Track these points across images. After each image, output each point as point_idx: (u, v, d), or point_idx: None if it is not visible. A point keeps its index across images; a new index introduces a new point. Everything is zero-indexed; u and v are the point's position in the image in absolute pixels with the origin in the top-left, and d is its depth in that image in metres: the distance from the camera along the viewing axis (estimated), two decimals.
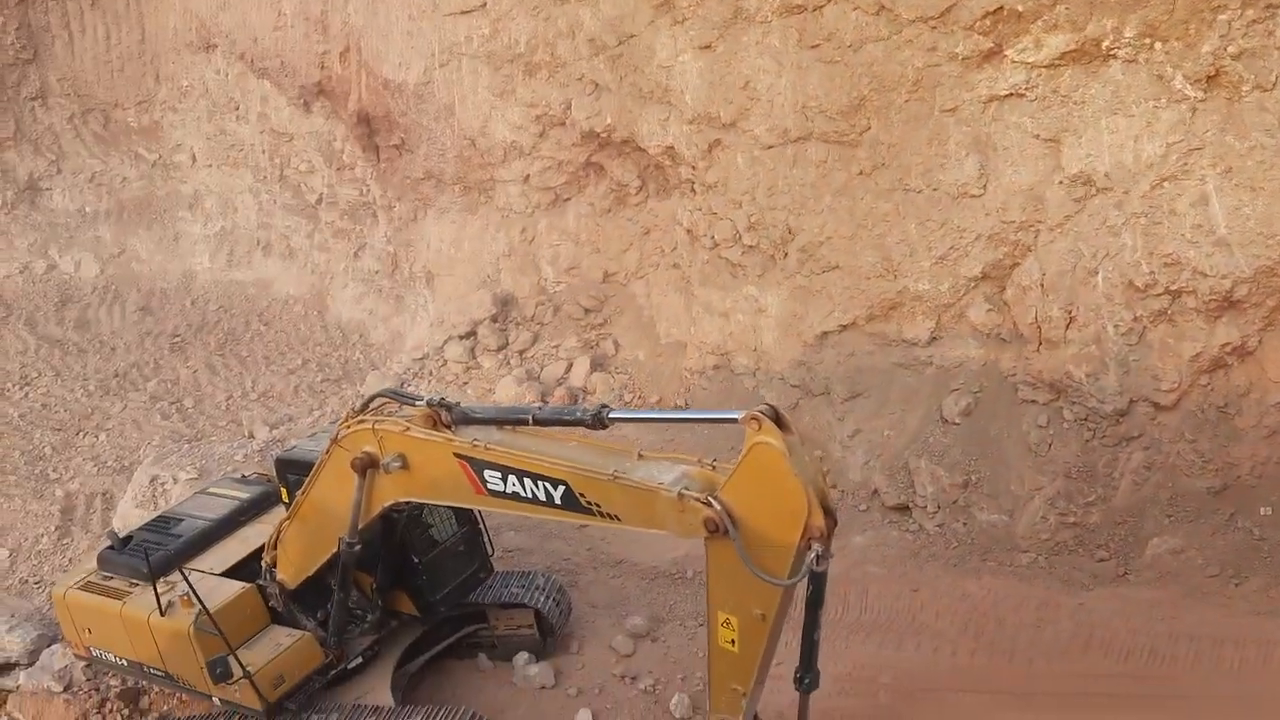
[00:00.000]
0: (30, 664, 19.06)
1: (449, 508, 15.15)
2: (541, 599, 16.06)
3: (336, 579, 14.17)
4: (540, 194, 26.19)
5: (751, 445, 9.77)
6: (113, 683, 17.36)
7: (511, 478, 11.33)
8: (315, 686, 14.72)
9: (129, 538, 15.51)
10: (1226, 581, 15.85)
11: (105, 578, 14.87)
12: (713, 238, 21.92)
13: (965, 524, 17.83)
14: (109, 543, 15.39)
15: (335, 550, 13.64)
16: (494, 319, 26.31)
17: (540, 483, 11.16)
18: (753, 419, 9.65)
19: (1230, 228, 15.93)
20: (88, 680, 17.67)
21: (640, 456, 11.18)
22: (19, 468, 25.59)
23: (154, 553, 14.62)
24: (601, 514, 11.02)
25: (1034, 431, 17.98)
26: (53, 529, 23.55)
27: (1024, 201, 17.87)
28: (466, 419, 12.01)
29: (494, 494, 11.56)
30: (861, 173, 19.38)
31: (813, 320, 20.62)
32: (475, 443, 11.62)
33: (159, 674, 14.69)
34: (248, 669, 13.93)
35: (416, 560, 14.85)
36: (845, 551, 18.06)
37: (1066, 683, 14.60)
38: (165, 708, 16.37)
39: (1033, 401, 18.19)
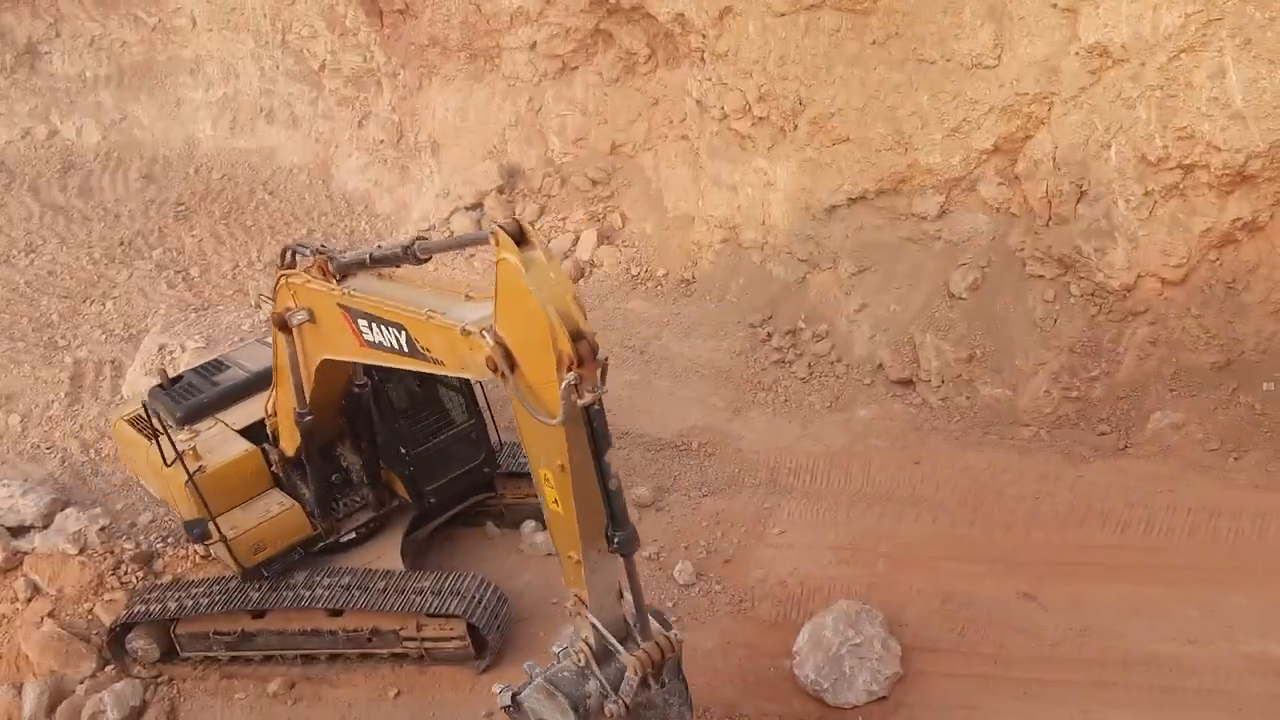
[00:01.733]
0: (45, 527, 19.45)
1: (454, 395, 15.19)
2: None
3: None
4: (547, 62, 25.74)
5: (496, 265, 8.69)
6: (126, 545, 17.74)
7: (376, 325, 10.85)
8: (296, 557, 15.07)
9: (179, 377, 15.89)
10: (1226, 456, 16.00)
11: (148, 415, 15.03)
12: (722, 109, 21.59)
13: (968, 398, 17.94)
14: (159, 380, 15.83)
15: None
16: (500, 190, 26.10)
17: (389, 329, 10.65)
18: (492, 235, 8.56)
19: (1247, 101, 15.64)
20: (102, 543, 18.06)
21: (467, 297, 10.20)
22: (27, 334, 25.70)
23: (193, 397, 14.82)
24: (432, 359, 10.28)
25: (1040, 307, 17.97)
26: (63, 395, 23.74)
27: (1038, 73, 17.54)
28: (341, 266, 11.68)
29: (369, 344, 11.13)
30: (874, 42, 19.00)
31: (821, 193, 20.44)
32: (346, 290, 11.29)
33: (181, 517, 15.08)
34: (225, 534, 14.37)
35: (404, 451, 14.91)
36: (849, 425, 18.25)
37: (1062, 553, 14.87)
38: (179, 570, 16.73)
39: (1040, 276, 18.14)
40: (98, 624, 16.04)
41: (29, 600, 16.76)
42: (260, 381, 15.16)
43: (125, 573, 17.01)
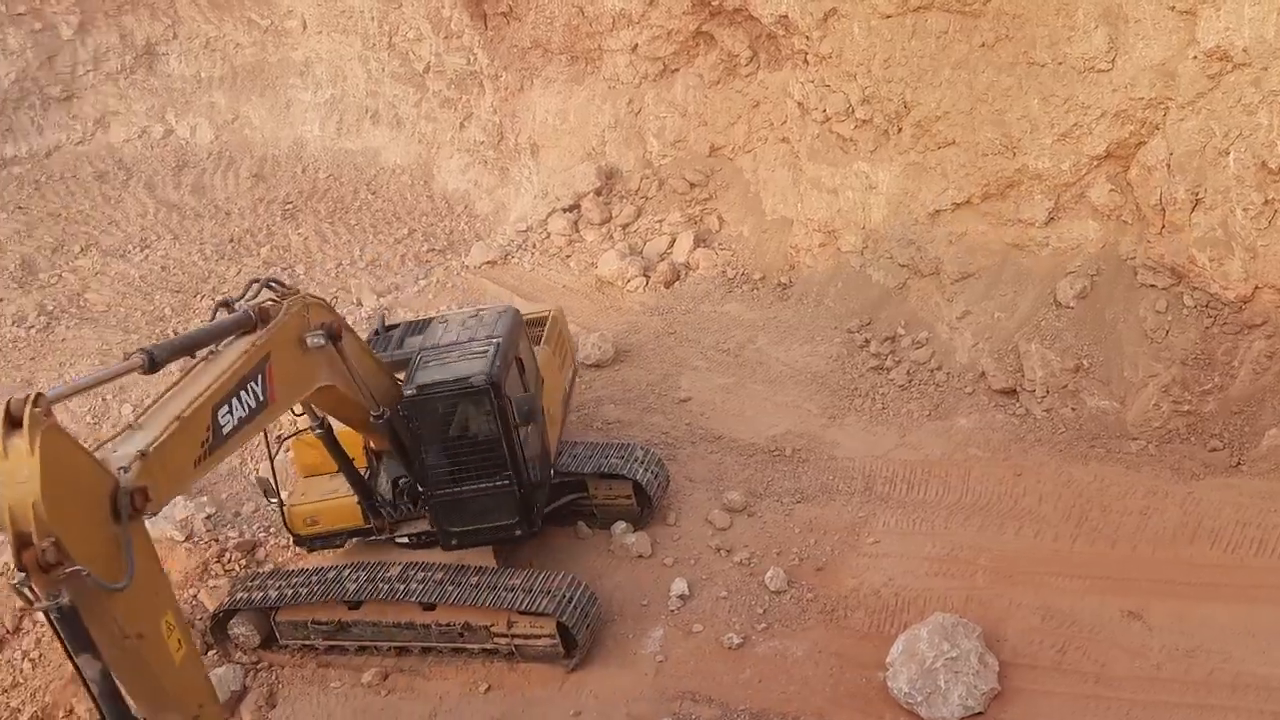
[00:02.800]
0: (153, 514, 19.92)
1: (484, 449, 14.55)
2: (640, 470, 16.24)
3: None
4: (648, 64, 25.74)
5: None
6: (231, 534, 18.15)
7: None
8: (346, 542, 15.75)
9: (392, 326, 16.67)
10: None
11: None
12: (824, 111, 21.37)
13: (1074, 409, 17.48)
14: (377, 326, 16.75)
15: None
16: (598, 192, 26.15)
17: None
18: None
19: None
20: (207, 531, 18.49)
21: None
22: (140, 327, 26.42)
23: (383, 350, 15.47)
24: None
25: (1151, 317, 17.44)
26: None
27: (1154, 77, 17.05)
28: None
29: None
30: (984, 45, 18.64)
31: (925, 198, 20.11)
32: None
33: None
34: (281, 498, 15.12)
35: (421, 491, 14.93)
36: (949, 434, 17.91)
37: (1169, 570, 14.39)
38: (281, 559, 17.05)
39: (1151, 286, 17.61)
40: (202, 609, 16.40)
41: None
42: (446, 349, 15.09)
43: (229, 560, 17.40)
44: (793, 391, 19.66)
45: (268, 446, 15.18)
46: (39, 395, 7.96)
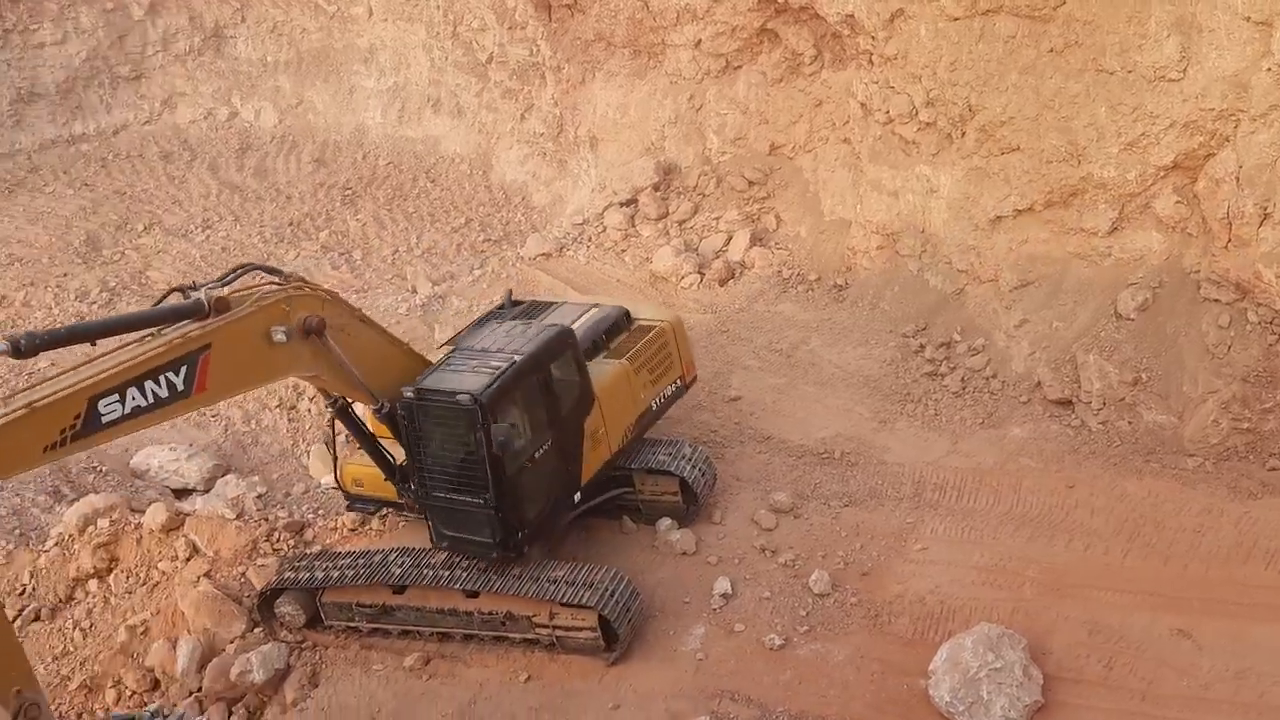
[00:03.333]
0: (206, 491, 20.25)
1: (476, 466, 14.21)
2: (687, 468, 16.19)
3: None
4: (711, 60, 25.68)
5: None
6: (280, 514, 18.33)
7: None
8: (384, 511, 16.57)
9: (519, 303, 17.19)
10: None
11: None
12: (887, 112, 21.20)
13: (1130, 423, 17.21)
14: (500, 302, 17.22)
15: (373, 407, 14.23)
16: (656, 187, 26.13)
17: None
18: None
19: None
20: (258, 510, 18.70)
21: None
22: None
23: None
24: None
25: (1213, 332, 17.12)
26: None
27: (1226, 88, 16.73)
28: None
29: None
30: (1052, 50, 18.39)
31: (987, 203, 19.89)
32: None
33: None
34: (336, 455, 15.77)
35: (414, 487, 14.87)
36: (1001, 443, 17.70)
37: (1223, 590, 14.10)
38: (328, 541, 17.20)
39: (1215, 300, 17.29)
40: (249, 587, 16.57)
41: (188, 559, 17.43)
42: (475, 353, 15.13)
43: (277, 540, 17.56)
44: (844, 394, 19.52)
45: (346, 403, 14.80)
46: None
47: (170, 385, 11.16)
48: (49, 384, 10.42)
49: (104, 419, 10.61)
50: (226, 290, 12.06)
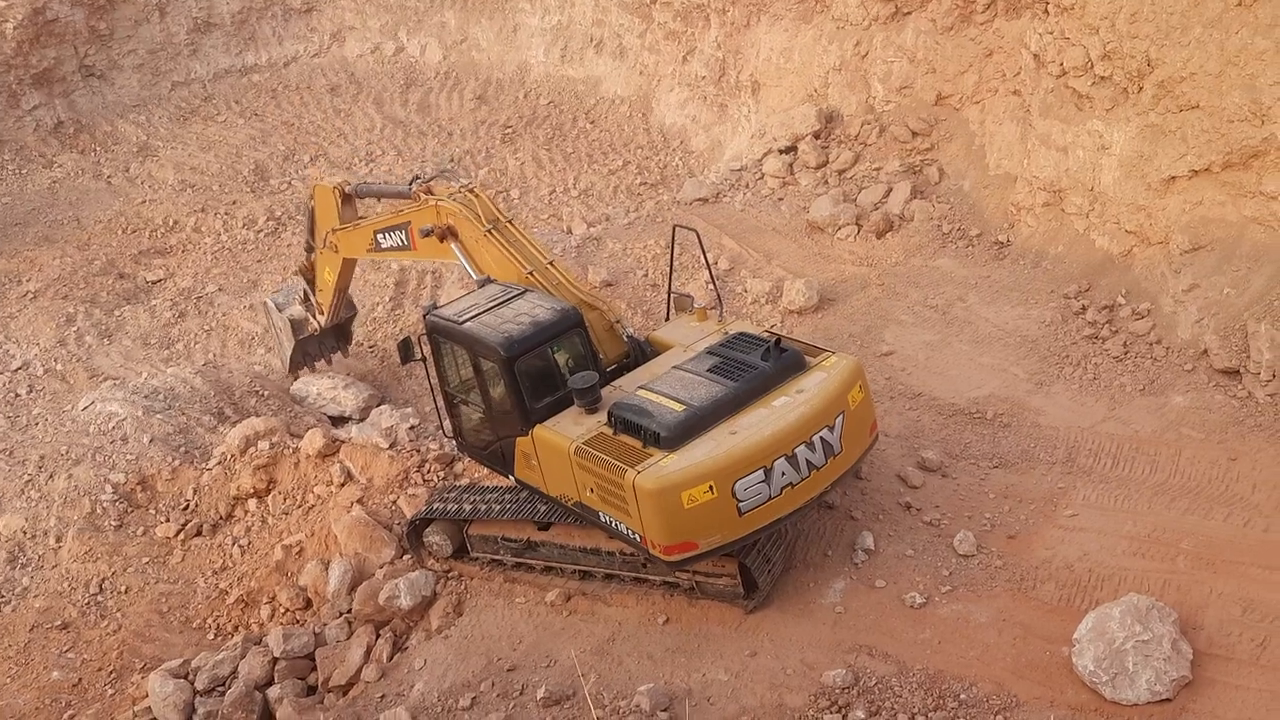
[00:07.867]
0: (361, 419, 20.99)
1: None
2: None
3: None
4: (880, 5, 25.14)
5: None
6: (432, 446, 18.89)
7: None
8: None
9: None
10: None
11: None
12: (1061, 65, 20.48)
13: None
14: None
15: None
16: (816, 135, 25.78)
17: None
18: None
19: None
20: (410, 441, 19.30)
21: None
22: None
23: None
24: None
25: None
26: (387, 299, 25.43)
27: None
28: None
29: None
30: (1240, 4, 17.49)
31: (1161, 163, 19.10)
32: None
33: None
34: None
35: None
36: (1162, 411, 17.16)
37: None
38: (477, 475, 17.68)
39: None
40: (400, 515, 17.19)
41: (342, 485, 18.18)
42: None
43: (428, 471, 18.14)
44: (1000, 354, 19.13)
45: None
46: None
47: (399, 238, 17.41)
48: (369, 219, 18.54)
49: (381, 245, 18.03)
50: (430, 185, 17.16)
